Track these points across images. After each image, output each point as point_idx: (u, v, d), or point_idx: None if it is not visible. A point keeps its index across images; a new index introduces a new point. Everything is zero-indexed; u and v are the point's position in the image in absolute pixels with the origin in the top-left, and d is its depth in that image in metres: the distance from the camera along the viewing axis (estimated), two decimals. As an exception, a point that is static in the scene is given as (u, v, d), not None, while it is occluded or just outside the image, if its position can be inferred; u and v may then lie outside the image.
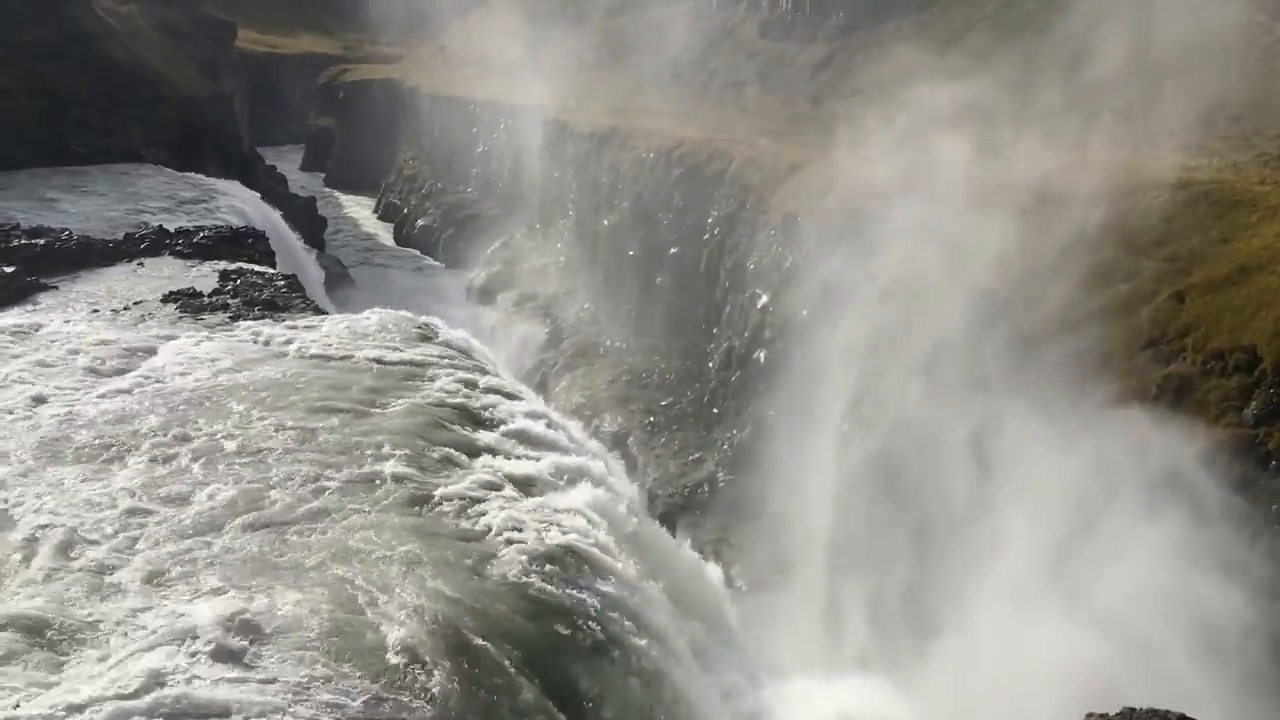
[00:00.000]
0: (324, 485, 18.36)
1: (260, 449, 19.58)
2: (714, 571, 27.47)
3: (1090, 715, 10.44)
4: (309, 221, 60.58)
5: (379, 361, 24.41)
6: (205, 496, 17.71)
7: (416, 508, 18.09)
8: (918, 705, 19.77)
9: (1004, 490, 18.76)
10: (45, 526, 16.46)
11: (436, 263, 64.74)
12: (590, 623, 16.64)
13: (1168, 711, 10.27)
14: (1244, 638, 15.01)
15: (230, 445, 19.64)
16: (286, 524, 17.04)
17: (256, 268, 33.07)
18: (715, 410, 33.42)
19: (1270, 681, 14.77)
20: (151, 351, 24.65)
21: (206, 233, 36.34)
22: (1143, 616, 15.83)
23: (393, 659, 13.93)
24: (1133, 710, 10.35)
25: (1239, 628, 15.07)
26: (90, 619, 14.25)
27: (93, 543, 16.13)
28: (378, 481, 18.68)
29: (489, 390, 23.87)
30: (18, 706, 12.27)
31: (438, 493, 18.65)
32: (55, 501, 17.28)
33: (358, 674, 13.54)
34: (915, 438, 21.17)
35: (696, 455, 32.84)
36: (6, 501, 17.22)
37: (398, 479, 18.79)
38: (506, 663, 14.95)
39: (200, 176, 48.36)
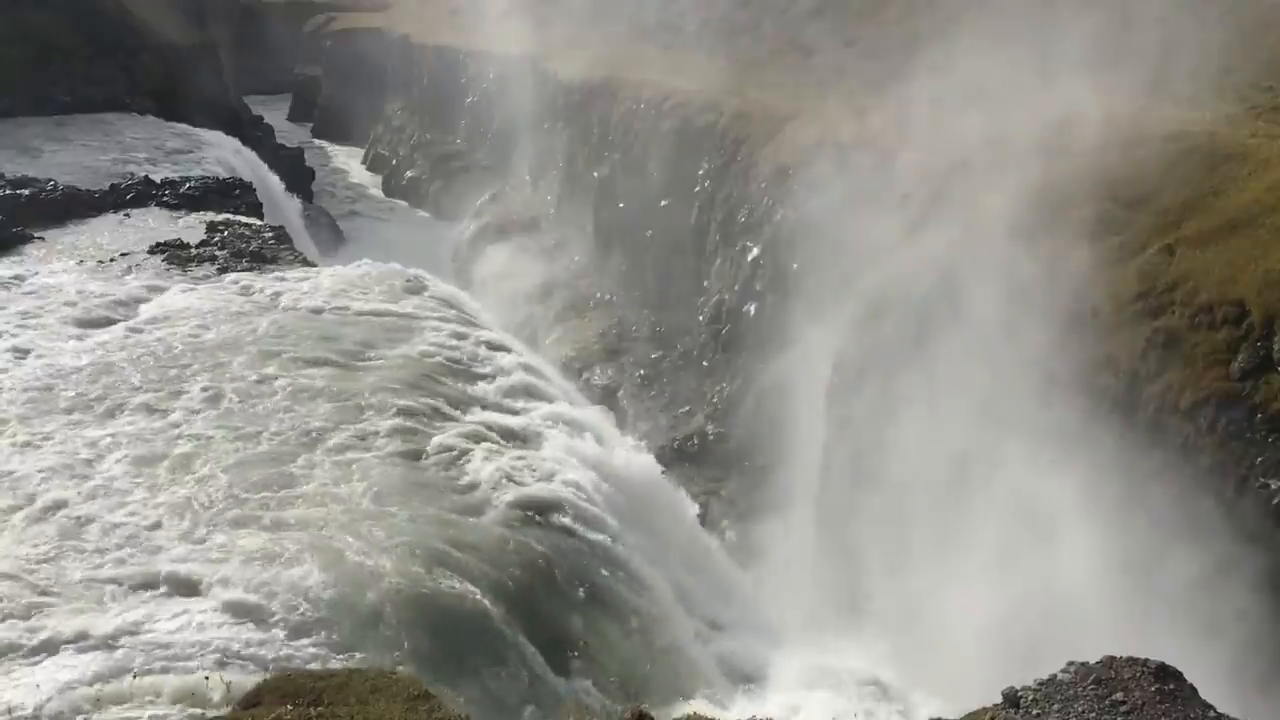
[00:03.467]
0: (314, 438, 18.39)
1: (249, 401, 19.58)
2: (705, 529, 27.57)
3: (1071, 663, 10.57)
4: (296, 172, 60.14)
5: (368, 314, 24.35)
6: (194, 449, 17.72)
7: (407, 460, 18.15)
8: (908, 658, 19.98)
9: (991, 441, 18.85)
10: (31, 480, 16.45)
11: (425, 214, 64.35)
12: (580, 572, 16.77)
13: (1147, 660, 10.39)
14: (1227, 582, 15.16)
15: (219, 398, 19.62)
16: (276, 477, 17.07)
17: (244, 219, 32.92)
18: (705, 363, 33.44)
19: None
20: (139, 303, 24.56)
21: (193, 183, 36.11)
22: (1129, 570, 16.01)
23: (383, 610, 14.03)
24: (1113, 658, 10.47)
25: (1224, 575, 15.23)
26: (79, 570, 14.29)
27: (81, 496, 16.14)
28: (368, 434, 18.72)
29: (479, 343, 23.86)
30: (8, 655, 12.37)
31: (428, 444, 18.71)
32: (41, 455, 17.25)
33: (348, 624, 13.64)
34: (903, 389, 21.22)
35: (686, 408, 32.92)
36: (-6, 453, 17.20)
37: (388, 431, 18.83)
38: (495, 613, 15.06)
39: (186, 126, 47.94)
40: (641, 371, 35.46)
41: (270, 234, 30.98)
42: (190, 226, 31.42)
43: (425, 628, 14.05)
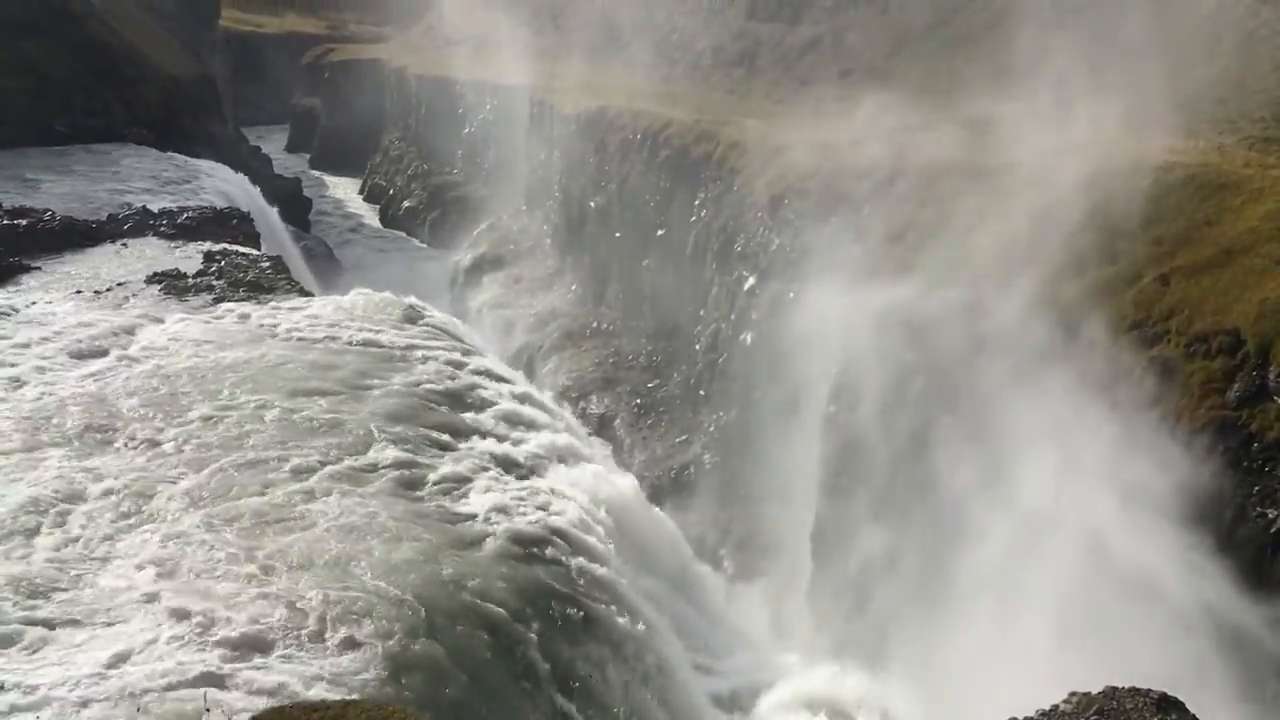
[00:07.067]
0: (311, 468, 18.33)
1: (246, 431, 19.52)
2: (702, 565, 27.52)
3: (1073, 694, 10.52)
4: (294, 202, 60.31)
5: (365, 343, 24.34)
6: (191, 479, 17.65)
7: (405, 490, 18.09)
8: (897, 691, 19.87)
9: (987, 473, 18.81)
10: (25, 509, 16.35)
11: (422, 244, 64.50)
12: (578, 605, 16.69)
13: (1149, 690, 10.34)
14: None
15: (216, 427, 19.57)
16: (274, 508, 17.00)
17: (241, 249, 32.94)
18: (702, 393, 33.43)
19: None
20: (136, 332, 24.53)
21: (190, 213, 36.13)
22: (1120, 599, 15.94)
23: (381, 643, 13.94)
24: (1115, 689, 10.42)
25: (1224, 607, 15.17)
26: (74, 599, 14.20)
27: (76, 526, 16.06)
28: (366, 464, 18.67)
29: (476, 372, 23.85)
30: (3, 688, 12.26)
31: (426, 475, 18.66)
32: (35, 484, 17.15)
33: (344, 656, 13.55)
34: (900, 417, 21.20)
35: (683, 438, 32.87)
36: (-11, 483, 17.11)
37: (386, 462, 18.78)
38: (494, 646, 14.98)
39: (184, 157, 48.04)
40: (638, 401, 35.43)
41: (267, 264, 31.01)
42: (187, 256, 31.43)
43: (423, 660, 13.96)
